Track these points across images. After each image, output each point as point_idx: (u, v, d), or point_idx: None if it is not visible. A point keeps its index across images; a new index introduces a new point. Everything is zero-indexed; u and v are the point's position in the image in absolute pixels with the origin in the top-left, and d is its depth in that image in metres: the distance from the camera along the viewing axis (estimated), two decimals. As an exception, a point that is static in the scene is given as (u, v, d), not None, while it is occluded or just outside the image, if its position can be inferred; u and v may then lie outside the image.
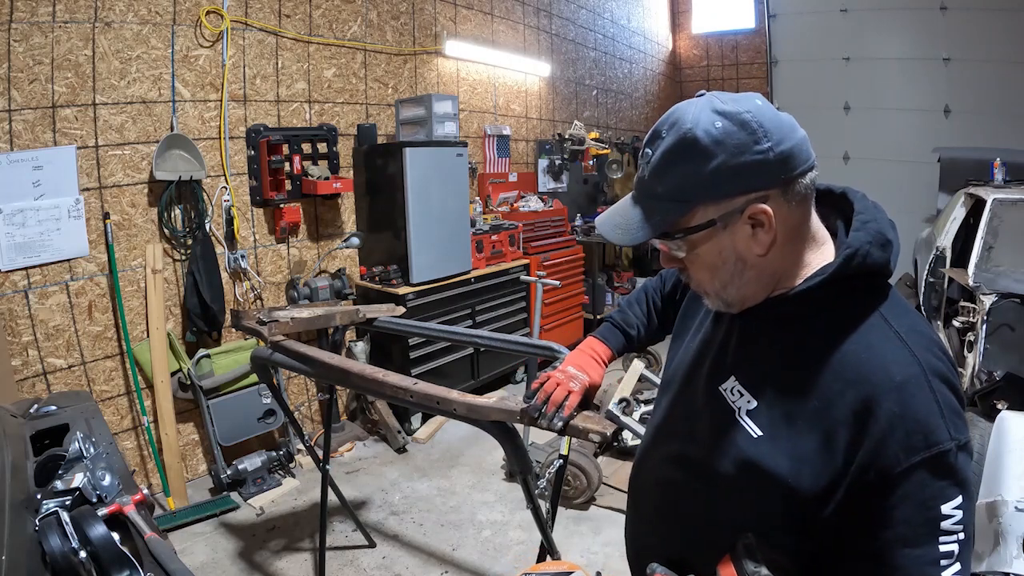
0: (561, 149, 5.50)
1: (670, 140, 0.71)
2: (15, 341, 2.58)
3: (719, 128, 0.69)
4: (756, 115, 0.70)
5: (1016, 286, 2.93)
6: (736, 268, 0.75)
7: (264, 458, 3.10)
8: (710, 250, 0.75)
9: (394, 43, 4.09)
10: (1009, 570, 1.66)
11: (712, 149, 0.69)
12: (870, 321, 0.72)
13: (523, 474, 1.40)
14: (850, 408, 0.68)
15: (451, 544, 2.68)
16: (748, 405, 0.77)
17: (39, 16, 2.53)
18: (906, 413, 0.66)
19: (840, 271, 0.72)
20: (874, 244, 0.72)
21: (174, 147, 2.95)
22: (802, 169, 0.71)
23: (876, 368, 0.68)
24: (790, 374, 0.74)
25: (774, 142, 0.69)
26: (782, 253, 0.74)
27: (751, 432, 0.75)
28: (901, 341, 0.70)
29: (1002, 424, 1.96)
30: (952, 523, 0.65)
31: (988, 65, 6.08)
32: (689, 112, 0.71)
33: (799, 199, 0.72)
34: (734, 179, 0.69)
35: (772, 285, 0.77)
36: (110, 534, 1.06)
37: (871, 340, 0.70)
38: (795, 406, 0.73)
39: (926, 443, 0.65)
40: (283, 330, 1.91)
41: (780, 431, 0.73)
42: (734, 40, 7.93)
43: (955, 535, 0.65)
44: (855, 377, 0.69)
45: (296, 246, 3.60)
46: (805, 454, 0.70)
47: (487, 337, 2.03)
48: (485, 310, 4.16)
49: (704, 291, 0.81)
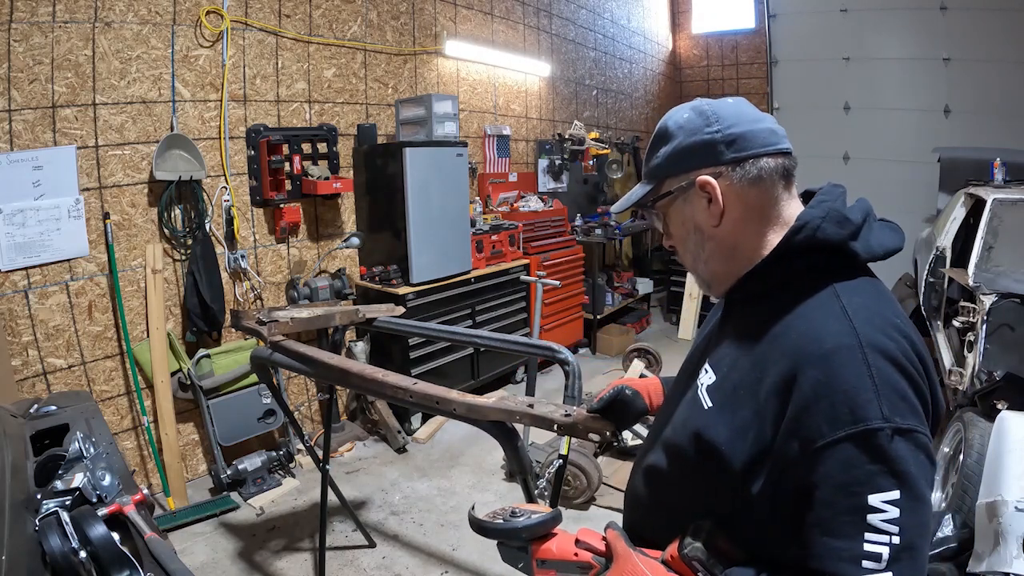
0: (561, 149, 5.50)
1: (656, 134, 0.87)
2: (15, 341, 2.58)
3: (685, 118, 0.82)
4: (716, 106, 0.81)
5: (1016, 286, 2.93)
6: (697, 239, 0.83)
7: (264, 458, 3.10)
8: (676, 221, 0.86)
9: (394, 43, 4.09)
10: (1009, 570, 1.66)
11: (674, 132, 0.82)
12: (820, 296, 0.72)
13: (523, 474, 1.40)
14: (780, 377, 0.68)
15: (451, 544, 2.68)
16: (708, 381, 0.80)
17: (39, 16, 2.53)
18: (832, 383, 0.63)
19: (786, 242, 0.75)
20: (827, 220, 0.73)
21: (174, 147, 2.95)
22: (756, 152, 0.78)
23: (810, 338, 0.68)
24: (743, 348, 0.77)
25: (724, 126, 0.78)
26: (741, 229, 0.80)
27: (704, 404, 0.78)
28: (843, 314, 0.69)
29: (1002, 424, 1.96)
30: (883, 519, 0.59)
31: (988, 65, 6.07)
32: (670, 113, 0.86)
33: (752, 179, 0.78)
34: (689, 156, 0.81)
35: (737, 262, 0.81)
36: (110, 534, 1.06)
37: (813, 313, 0.71)
38: (741, 378, 0.74)
39: (852, 417, 0.61)
40: (283, 330, 1.92)
41: (726, 403, 0.75)
42: (734, 40, 7.93)
43: (886, 535, 0.59)
44: (790, 347, 0.69)
45: (296, 246, 3.60)
46: (741, 426, 0.71)
47: (487, 337, 2.03)
48: (485, 310, 4.16)
49: (689, 270, 0.90)
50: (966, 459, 2.25)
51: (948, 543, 1.86)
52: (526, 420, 1.21)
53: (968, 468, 2.18)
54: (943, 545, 1.86)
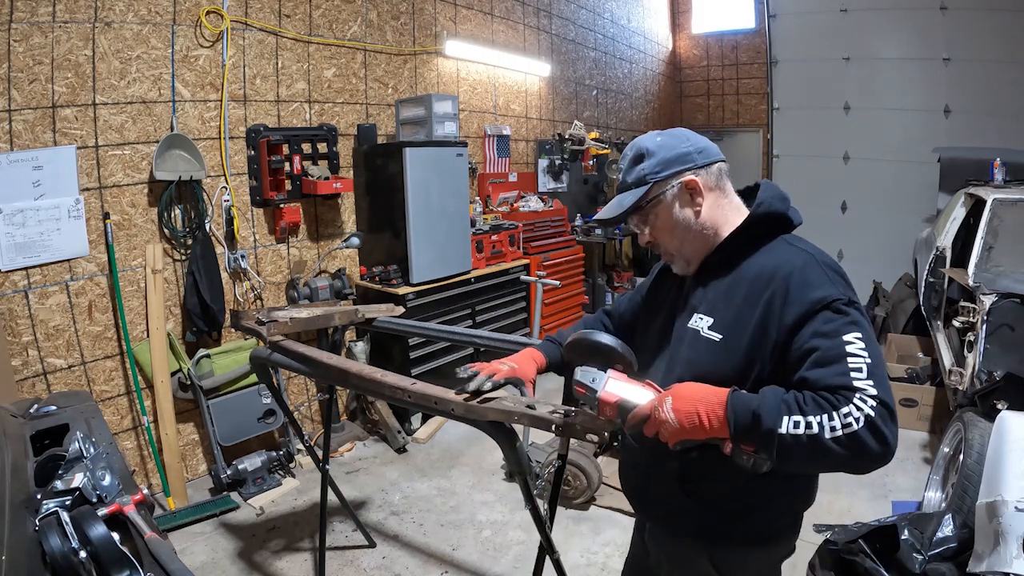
0: (561, 149, 5.50)
1: (632, 153, 1.16)
2: (15, 341, 2.58)
3: (659, 140, 1.14)
4: (678, 131, 1.16)
5: (1016, 286, 2.93)
6: (684, 225, 1.12)
7: (264, 458, 3.10)
8: (663, 216, 1.13)
9: (394, 43, 4.09)
10: (1009, 570, 1.66)
11: (655, 150, 1.12)
12: (776, 244, 1.09)
13: (522, 474, 1.40)
14: (769, 294, 1.01)
15: (451, 544, 2.68)
16: (707, 323, 1.09)
17: (39, 16, 2.53)
18: (805, 280, 0.99)
19: (753, 213, 1.10)
20: (775, 198, 1.12)
21: (174, 147, 2.95)
22: (713, 160, 1.13)
23: (782, 264, 1.04)
24: (730, 291, 1.08)
25: (692, 142, 1.13)
26: (713, 214, 1.12)
27: (713, 339, 1.07)
28: (797, 248, 1.07)
29: (1002, 424, 1.96)
30: (855, 349, 0.91)
31: (988, 65, 6.07)
32: (639, 139, 1.17)
33: (716, 177, 1.13)
34: (671, 164, 1.11)
35: (710, 239, 1.13)
36: (110, 534, 1.05)
37: (777, 253, 1.07)
38: (739, 309, 1.05)
39: (820, 295, 0.97)
40: (282, 330, 1.92)
41: (734, 328, 1.05)
42: (734, 40, 7.93)
43: (860, 359, 0.90)
44: (770, 275, 1.03)
45: (296, 246, 3.60)
46: (753, 335, 1.02)
47: (487, 337, 2.03)
48: (485, 310, 4.16)
49: (670, 255, 1.18)
50: (966, 459, 2.25)
51: (948, 543, 1.86)
52: (525, 421, 1.21)
53: (968, 468, 2.18)
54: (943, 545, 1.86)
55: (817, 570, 2.04)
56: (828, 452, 0.86)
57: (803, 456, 0.89)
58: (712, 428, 0.94)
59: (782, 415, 0.89)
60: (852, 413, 0.86)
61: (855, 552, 1.91)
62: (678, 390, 0.98)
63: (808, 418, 0.87)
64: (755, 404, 0.91)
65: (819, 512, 2.83)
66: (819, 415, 0.87)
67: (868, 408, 0.86)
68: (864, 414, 0.86)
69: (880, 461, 0.87)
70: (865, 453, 0.86)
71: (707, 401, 0.95)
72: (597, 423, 1.10)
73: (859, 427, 0.85)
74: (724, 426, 0.93)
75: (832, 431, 0.86)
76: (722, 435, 0.94)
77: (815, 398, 0.90)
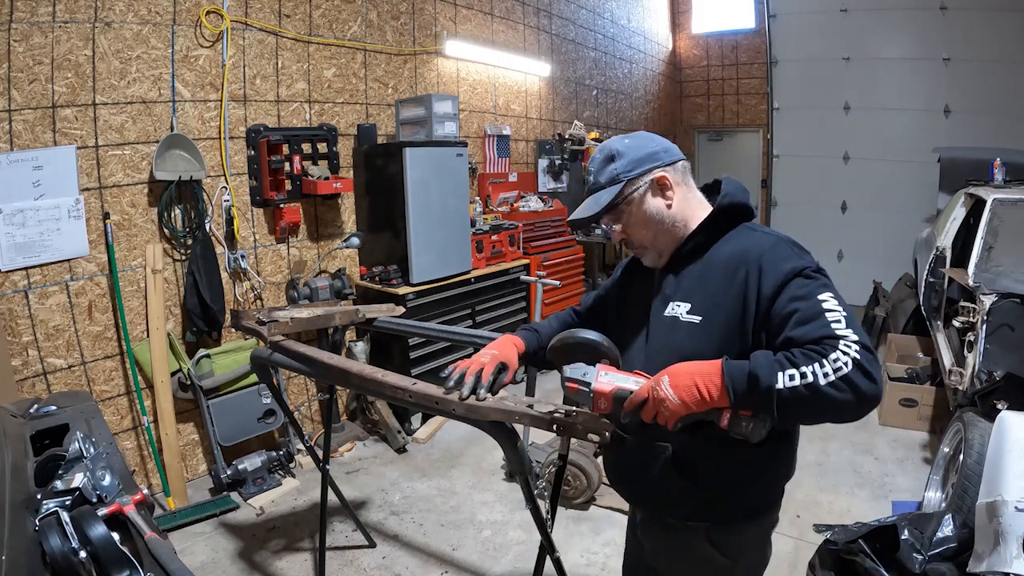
0: (561, 149, 5.50)
1: (602, 155, 1.23)
2: (15, 341, 2.58)
3: (627, 143, 1.22)
4: (641, 134, 1.26)
5: (1016, 286, 2.93)
6: (658, 218, 1.20)
7: (264, 458, 3.10)
8: (639, 210, 1.20)
9: (394, 43, 4.09)
10: (1009, 570, 1.66)
11: (624, 151, 1.21)
12: (740, 231, 1.19)
13: (522, 474, 1.40)
14: (746, 271, 1.10)
15: (451, 544, 2.68)
16: (685, 308, 1.16)
17: (39, 16, 2.53)
18: (775, 256, 1.08)
19: (719, 204, 1.19)
20: (737, 191, 1.21)
21: (174, 147, 2.95)
22: (677, 158, 1.23)
23: (752, 247, 1.13)
24: (704, 278, 1.16)
25: (657, 143, 1.23)
26: (682, 207, 1.21)
27: (694, 322, 1.14)
28: (762, 232, 1.17)
29: (1002, 424, 1.96)
30: (830, 306, 0.99)
31: (988, 65, 6.07)
32: (607, 143, 1.24)
33: (681, 174, 1.22)
34: (642, 162, 1.19)
35: (679, 231, 1.21)
36: (110, 534, 1.05)
37: (743, 239, 1.16)
38: (714, 293, 1.13)
39: (792, 266, 1.06)
40: (282, 330, 1.91)
41: (713, 311, 1.12)
42: (734, 40, 7.92)
43: (837, 313, 0.98)
44: (741, 256, 1.12)
45: (296, 246, 3.60)
46: (730, 312, 1.10)
47: (487, 337, 2.03)
48: (485, 310, 4.16)
49: (644, 248, 1.24)
50: (966, 459, 2.25)
51: (948, 543, 1.86)
52: (525, 421, 1.21)
53: (968, 468, 2.18)
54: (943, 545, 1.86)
55: (817, 570, 2.04)
56: (825, 398, 0.91)
57: (803, 407, 0.93)
58: (712, 398, 0.96)
59: (776, 371, 0.93)
60: (840, 358, 0.91)
61: (855, 552, 1.91)
62: (672, 369, 1.01)
63: (802, 368, 0.92)
64: (749, 367, 0.95)
65: (819, 512, 2.85)
66: (811, 364, 0.92)
67: (854, 352, 0.91)
68: (851, 357, 0.91)
69: (873, 401, 0.92)
70: (859, 393, 0.90)
71: (703, 373, 0.98)
72: (598, 423, 1.10)
73: (849, 370, 0.90)
74: (723, 394, 0.96)
75: (826, 377, 0.90)
76: (722, 404, 0.97)
77: (803, 352, 0.94)
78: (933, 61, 6.36)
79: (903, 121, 6.61)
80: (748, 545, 1.24)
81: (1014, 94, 5.96)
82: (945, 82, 6.35)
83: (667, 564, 1.29)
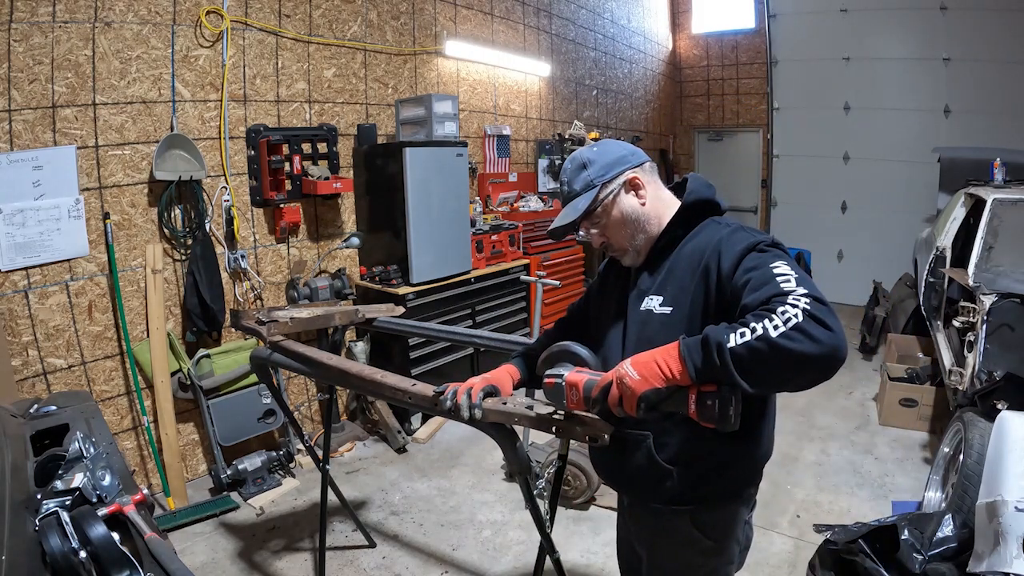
0: (561, 149, 5.49)
1: (573, 166, 1.29)
2: (15, 341, 2.58)
3: (596, 150, 1.29)
4: (606, 142, 1.33)
5: (1016, 286, 2.93)
6: (634, 217, 1.26)
7: (264, 458, 3.10)
8: (613, 214, 1.26)
9: (394, 43, 4.09)
10: (1009, 570, 1.66)
11: (595, 158, 1.27)
12: (707, 225, 1.25)
13: (522, 474, 1.40)
14: (707, 258, 1.16)
15: (451, 544, 2.68)
16: (658, 301, 1.22)
17: (39, 16, 2.53)
18: (732, 240, 1.14)
19: (685, 201, 1.26)
20: (702, 187, 1.28)
21: (174, 147, 2.95)
22: (644, 160, 1.30)
23: (714, 236, 1.19)
24: (674, 271, 1.22)
25: (623, 147, 1.30)
26: (654, 205, 1.27)
27: (666, 312, 1.20)
28: (725, 224, 1.23)
29: (1002, 424, 1.96)
30: (781, 272, 1.01)
31: (988, 65, 6.07)
32: (576, 153, 1.31)
33: (649, 174, 1.29)
34: (613, 166, 1.26)
35: (653, 228, 1.27)
36: (110, 534, 1.06)
37: (708, 233, 1.22)
38: (682, 283, 1.19)
39: (745, 244, 1.11)
40: (282, 330, 1.92)
41: (680, 299, 1.19)
42: (734, 40, 7.92)
43: (787, 276, 0.99)
44: (704, 247, 1.18)
45: (296, 246, 3.60)
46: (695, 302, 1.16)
47: (487, 337, 2.03)
48: (485, 310, 4.16)
49: (624, 249, 1.29)
50: (966, 459, 2.25)
51: (948, 543, 1.86)
52: (525, 422, 1.22)
53: (968, 468, 2.18)
54: (943, 545, 1.86)
55: (817, 570, 2.04)
56: (782, 350, 0.90)
57: (762, 364, 0.92)
58: (672, 372, 0.98)
59: (727, 333, 0.94)
60: (789, 311, 0.92)
61: (855, 552, 1.91)
62: (635, 355, 1.04)
63: (752, 325, 0.93)
64: (702, 335, 0.97)
65: (819, 512, 2.85)
66: (761, 321, 0.93)
67: (804, 303, 0.92)
68: (801, 308, 0.92)
69: (833, 349, 0.90)
70: (815, 341, 0.89)
71: (661, 351, 1.01)
72: (597, 424, 1.11)
73: (801, 320, 0.90)
74: (683, 368, 0.97)
75: (776, 329, 0.90)
76: (684, 381, 0.98)
77: (754, 313, 0.96)
78: (933, 61, 6.36)
79: (903, 121, 6.61)
80: (731, 524, 1.28)
81: (1014, 94, 5.96)
82: (945, 82, 6.35)
83: (654, 547, 1.34)
